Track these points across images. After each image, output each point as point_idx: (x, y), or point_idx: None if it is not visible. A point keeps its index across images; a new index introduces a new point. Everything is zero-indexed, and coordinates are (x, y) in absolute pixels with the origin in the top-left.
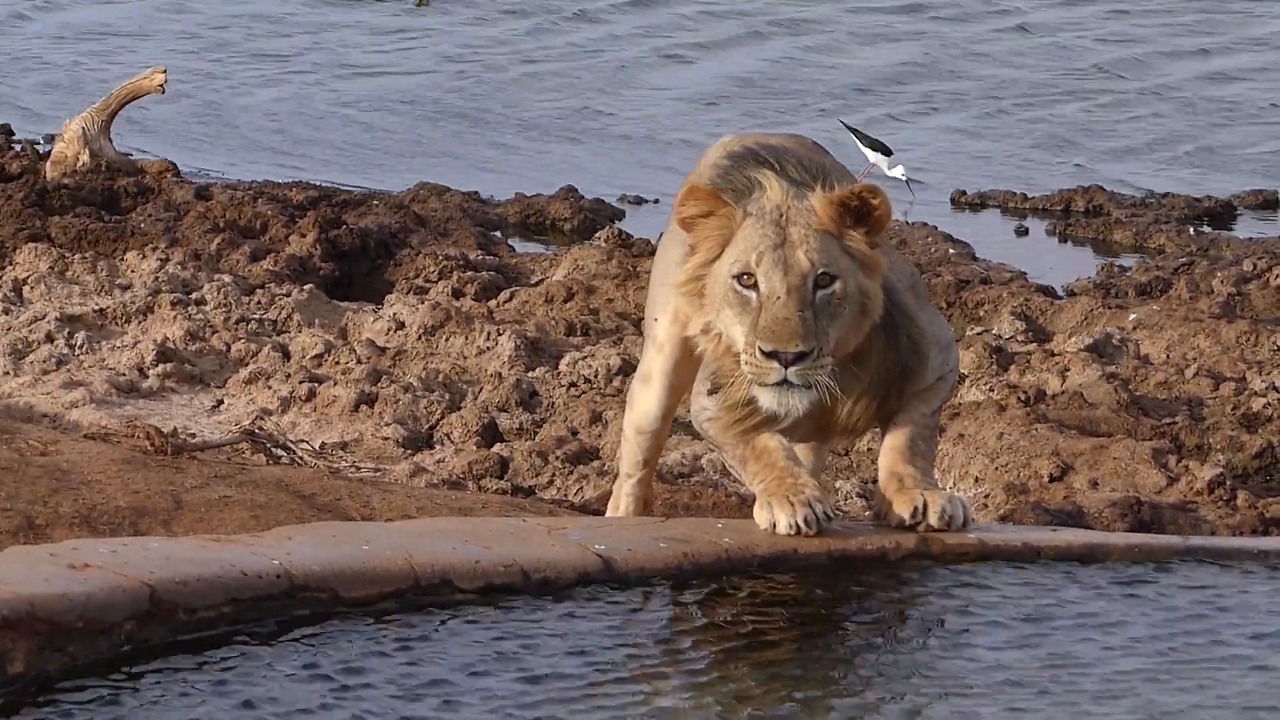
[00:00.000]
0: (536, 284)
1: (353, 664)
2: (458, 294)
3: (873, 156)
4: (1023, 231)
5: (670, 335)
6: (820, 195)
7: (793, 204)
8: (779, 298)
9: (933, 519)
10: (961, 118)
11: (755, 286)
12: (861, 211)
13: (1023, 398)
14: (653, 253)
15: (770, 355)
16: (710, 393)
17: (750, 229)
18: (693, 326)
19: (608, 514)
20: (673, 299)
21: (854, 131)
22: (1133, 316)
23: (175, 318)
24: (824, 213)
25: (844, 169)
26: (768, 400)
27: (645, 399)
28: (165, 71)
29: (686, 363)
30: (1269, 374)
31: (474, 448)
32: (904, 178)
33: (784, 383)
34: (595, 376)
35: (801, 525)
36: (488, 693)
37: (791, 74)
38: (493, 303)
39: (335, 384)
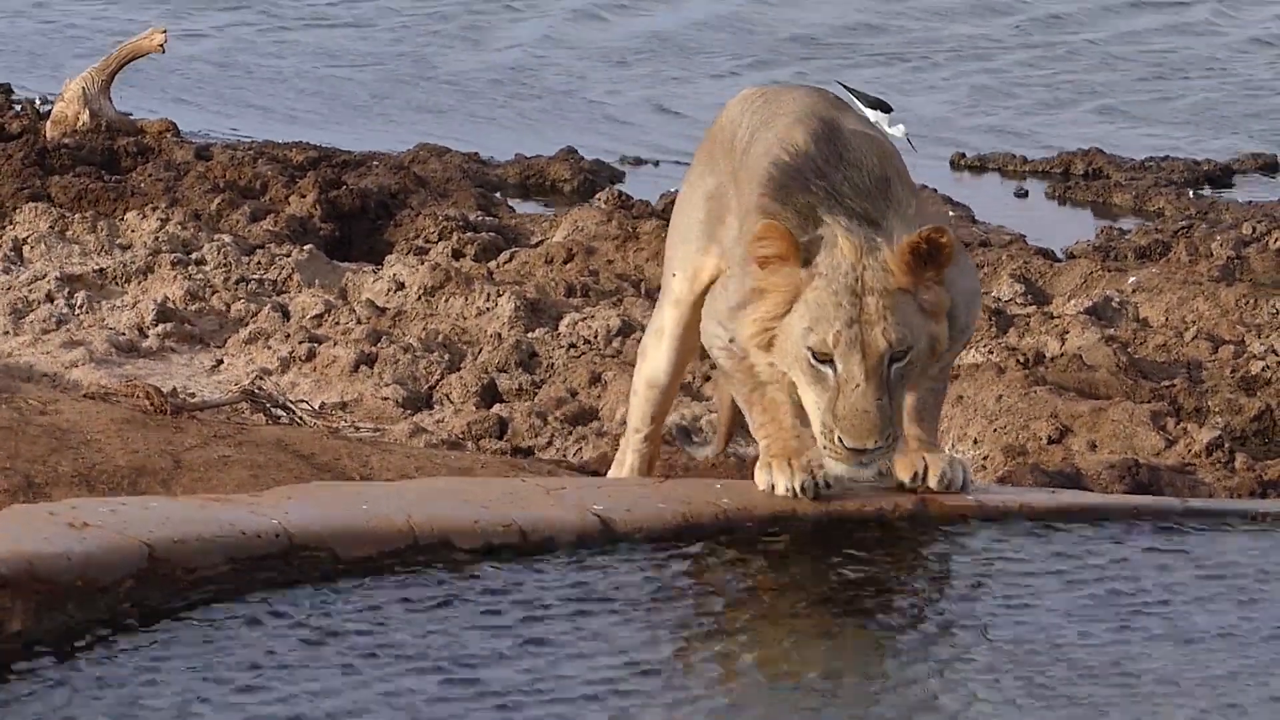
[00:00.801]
0: (536, 245)
1: (342, 623)
2: (457, 255)
3: (873, 115)
4: (1022, 194)
5: (686, 293)
6: (892, 252)
7: (867, 264)
8: (858, 385)
9: (932, 482)
10: (935, 75)
11: (830, 362)
12: (930, 253)
13: (1021, 360)
14: (653, 214)
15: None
16: (731, 340)
17: (824, 293)
18: (757, 359)
19: (612, 471)
20: (690, 258)
21: (853, 92)
22: (1132, 279)
23: (175, 277)
24: (898, 269)
25: (889, 147)
26: (838, 470)
27: (657, 354)
28: (165, 31)
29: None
30: (1267, 337)
31: (473, 408)
32: (904, 136)
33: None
34: (595, 337)
35: (799, 491)
36: (471, 650)
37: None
38: (492, 263)
39: (335, 344)
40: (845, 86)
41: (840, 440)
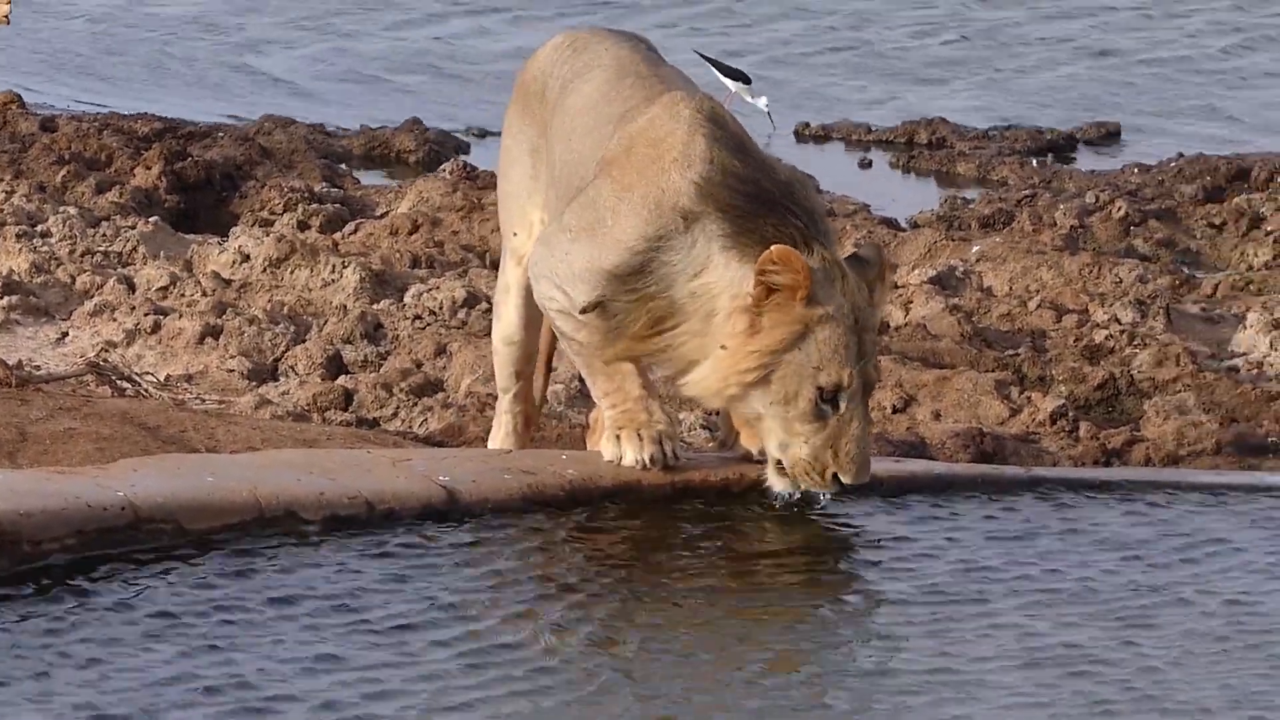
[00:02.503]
0: (381, 216)
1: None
2: (303, 226)
3: (733, 86)
4: (866, 164)
5: (527, 247)
6: (876, 285)
7: (858, 299)
8: (859, 424)
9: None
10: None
11: (834, 402)
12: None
13: None
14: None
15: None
16: (586, 309)
17: (834, 334)
18: (716, 392)
19: (490, 437)
20: (525, 212)
21: (711, 61)
22: (976, 249)
23: (20, 250)
24: (878, 303)
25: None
26: (784, 488)
27: (506, 310)
28: (10, 3)
29: None
30: (1111, 306)
31: (319, 380)
32: (766, 109)
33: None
34: (440, 309)
35: (648, 462)
36: (307, 625)
37: None
38: (338, 235)
39: (180, 316)
40: (703, 56)
41: (835, 477)
